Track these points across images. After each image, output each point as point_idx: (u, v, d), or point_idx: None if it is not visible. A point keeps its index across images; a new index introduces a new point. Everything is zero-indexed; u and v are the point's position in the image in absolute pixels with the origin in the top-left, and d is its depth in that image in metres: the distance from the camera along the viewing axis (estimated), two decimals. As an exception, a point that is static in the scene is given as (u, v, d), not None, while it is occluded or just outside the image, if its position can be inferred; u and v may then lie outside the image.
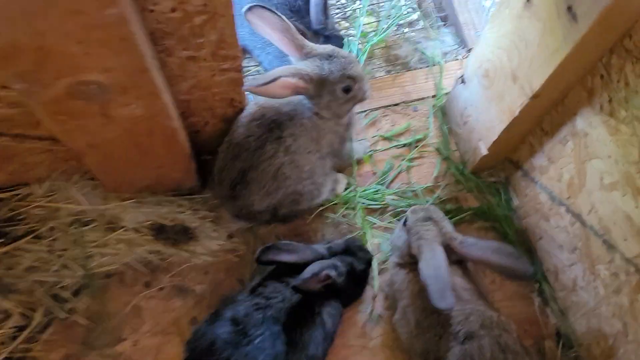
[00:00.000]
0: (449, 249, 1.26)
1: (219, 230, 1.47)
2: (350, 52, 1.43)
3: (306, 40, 1.32)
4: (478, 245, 1.27)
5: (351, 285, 1.34)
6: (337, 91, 1.33)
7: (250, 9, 1.25)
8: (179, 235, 1.43)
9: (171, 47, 1.09)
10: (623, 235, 1.13)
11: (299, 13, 1.64)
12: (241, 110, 1.39)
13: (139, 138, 1.19)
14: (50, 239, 1.40)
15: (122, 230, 1.42)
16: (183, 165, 1.37)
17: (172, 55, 1.11)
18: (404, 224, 1.36)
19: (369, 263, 1.42)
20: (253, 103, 1.40)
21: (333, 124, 1.40)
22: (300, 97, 1.34)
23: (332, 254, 1.35)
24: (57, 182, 1.41)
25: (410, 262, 1.33)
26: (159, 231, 1.42)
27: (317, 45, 1.34)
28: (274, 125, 1.33)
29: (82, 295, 1.40)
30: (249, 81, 1.25)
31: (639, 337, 1.13)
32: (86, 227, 1.42)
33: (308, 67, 1.29)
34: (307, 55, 1.32)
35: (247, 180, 1.34)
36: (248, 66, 1.89)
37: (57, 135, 1.16)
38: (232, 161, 1.35)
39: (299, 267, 1.23)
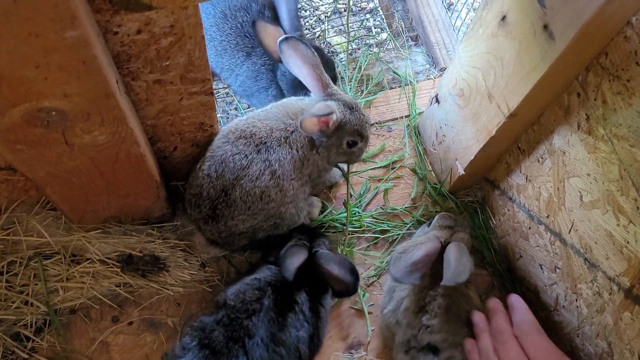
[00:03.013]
0: None
1: (191, 260, 1.41)
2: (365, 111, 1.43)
3: (330, 80, 1.35)
4: None
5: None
6: (344, 142, 1.35)
7: (286, 39, 1.28)
8: (149, 265, 1.36)
9: (137, 71, 1.04)
10: (605, 254, 1.11)
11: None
12: (212, 134, 1.34)
13: (104, 166, 1.13)
14: (10, 274, 1.31)
15: (87, 262, 1.34)
16: (152, 193, 1.31)
17: (138, 79, 1.06)
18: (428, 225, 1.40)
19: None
20: (243, 118, 1.37)
21: (319, 159, 1.38)
22: (295, 126, 1.33)
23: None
24: (17, 214, 1.32)
25: None
26: (127, 262, 1.35)
27: (339, 90, 1.36)
28: (262, 147, 1.30)
29: (45, 333, 1.32)
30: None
31: (624, 357, 1.11)
32: (48, 261, 1.33)
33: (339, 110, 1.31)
34: (330, 95, 1.34)
35: (232, 199, 1.29)
36: (217, 88, 1.85)
37: (15, 165, 1.09)
38: (214, 179, 1.29)
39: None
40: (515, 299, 1.24)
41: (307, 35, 1.92)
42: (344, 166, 1.52)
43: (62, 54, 0.79)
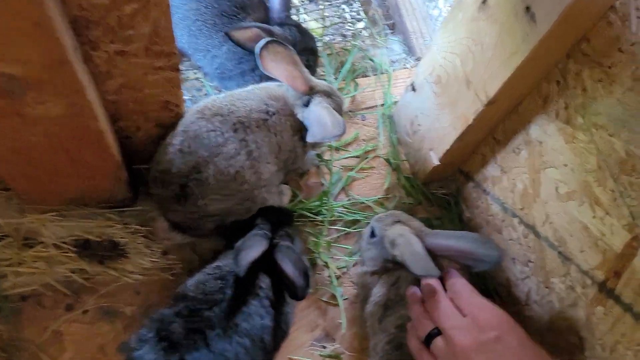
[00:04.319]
0: None
1: (152, 247, 1.34)
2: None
3: (308, 73, 1.34)
4: (443, 234, 1.22)
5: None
6: None
7: (265, 46, 1.24)
8: (107, 251, 1.29)
9: (97, 39, 0.96)
10: (579, 247, 1.09)
11: (245, 9, 1.54)
12: (178, 115, 1.27)
13: (59, 142, 1.05)
14: (-45, 257, 1.23)
15: (40, 246, 1.26)
16: (112, 174, 1.23)
17: (98, 48, 0.99)
18: (372, 235, 1.29)
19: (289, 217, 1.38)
20: (221, 96, 1.32)
21: (300, 145, 1.37)
22: (278, 109, 1.31)
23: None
24: (-36, 194, 1.24)
25: (384, 268, 1.27)
26: (84, 247, 1.27)
27: (315, 79, 1.36)
28: (239, 127, 1.25)
29: (-7, 321, 1.24)
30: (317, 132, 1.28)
31: (596, 353, 1.09)
32: (-2, 244, 1.25)
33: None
34: (312, 89, 1.33)
35: (204, 177, 1.21)
36: (186, 70, 1.78)
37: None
38: (186, 154, 1.22)
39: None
40: (449, 268, 1.20)
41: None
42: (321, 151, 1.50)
43: (15, 15, 0.73)
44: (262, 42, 1.24)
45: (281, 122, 1.31)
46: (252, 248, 1.16)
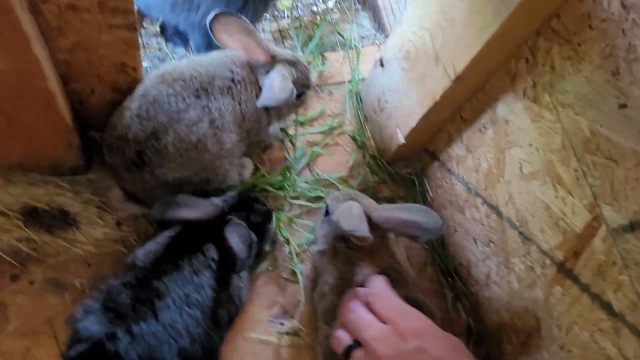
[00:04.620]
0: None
1: (105, 217, 1.28)
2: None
3: (269, 43, 1.29)
4: (388, 207, 1.21)
5: None
6: (293, 97, 1.29)
7: (215, 17, 1.18)
8: (56, 221, 1.23)
9: (46, -10, 0.90)
10: (540, 227, 1.09)
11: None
12: (135, 79, 1.21)
13: (4, 101, 0.99)
14: None
15: (-16, 213, 1.19)
16: (63, 139, 1.17)
17: (48, 1, 0.92)
18: (326, 213, 1.26)
19: (267, 216, 1.31)
20: (183, 61, 1.26)
21: (261, 115, 1.33)
22: (242, 77, 1.27)
23: (228, 207, 1.23)
24: None
25: (334, 248, 1.24)
26: (32, 215, 1.21)
27: (278, 49, 1.31)
28: (202, 93, 1.20)
29: None
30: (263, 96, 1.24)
31: (552, 333, 1.09)
32: (-63, 209, 1.18)
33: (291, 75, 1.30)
34: (274, 59, 1.29)
35: (163, 144, 1.16)
36: (148, 38, 1.71)
37: None
38: (144, 120, 1.16)
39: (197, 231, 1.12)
40: (373, 275, 1.16)
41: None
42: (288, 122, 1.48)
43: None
44: (211, 15, 1.18)
45: (246, 90, 1.27)
46: (190, 208, 1.13)
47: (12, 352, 1.16)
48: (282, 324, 1.32)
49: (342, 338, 1.04)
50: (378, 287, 1.09)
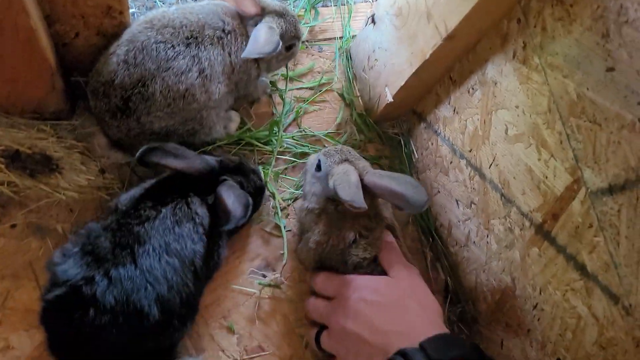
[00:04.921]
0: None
1: (88, 164, 1.27)
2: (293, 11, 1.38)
3: None
4: (380, 173, 1.22)
5: None
6: (282, 49, 1.27)
7: None
8: (39, 165, 1.21)
9: None
10: (522, 189, 1.10)
11: None
12: (121, 23, 1.18)
13: (-15, 38, 0.96)
14: None
15: (-36, 154, 1.17)
16: (46, 81, 1.14)
17: None
18: (317, 169, 1.26)
19: (260, 190, 1.31)
20: (172, 8, 1.24)
21: (250, 67, 1.32)
22: (233, 27, 1.26)
23: (223, 168, 1.22)
24: None
25: (324, 208, 1.24)
26: (13, 159, 1.19)
27: (268, 0, 1.29)
28: (192, 42, 1.18)
29: None
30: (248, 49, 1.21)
31: (526, 292, 1.12)
32: None
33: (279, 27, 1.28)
34: (263, 10, 1.27)
35: (150, 92, 1.15)
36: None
37: None
38: (131, 66, 1.14)
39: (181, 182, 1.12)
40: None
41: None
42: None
43: None
44: None
45: (237, 41, 1.25)
46: (177, 158, 1.13)
47: (-8, 294, 1.17)
48: (264, 276, 1.34)
49: (311, 331, 1.16)
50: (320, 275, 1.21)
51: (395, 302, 1.08)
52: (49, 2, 1.05)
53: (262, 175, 1.35)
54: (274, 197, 1.42)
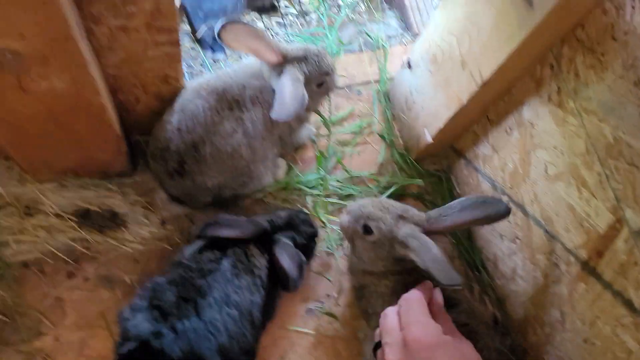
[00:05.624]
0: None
1: (150, 217, 1.37)
2: (321, 47, 1.39)
3: (279, 43, 1.30)
4: (445, 216, 1.18)
5: None
6: (313, 88, 1.33)
7: (224, 27, 1.18)
8: (107, 221, 1.32)
9: (99, 15, 0.97)
10: (565, 226, 1.14)
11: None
12: (177, 88, 1.29)
13: (61, 115, 1.07)
14: (-42, 224, 1.25)
15: (41, 215, 1.28)
16: (112, 146, 1.25)
17: (100, 23, 1.00)
18: (366, 232, 1.21)
19: (312, 237, 1.36)
20: (213, 75, 1.33)
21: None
22: (268, 85, 1.30)
23: (274, 228, 1.28)
24: (-35, 162, 1.26)
25: (390, 270, 1.24)
26: (84, 217, 1.30)
27: (288, 46, 1.31)
28: (235, 105, 1.27)
29: (-5, 287, 1.27)
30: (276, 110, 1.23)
31: (576, 326, 1.14)
32: (0, 212, 1.27)
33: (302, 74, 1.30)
34: (285, 59, 1.30)
35: (202, 155, 1.25)
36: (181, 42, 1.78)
37: (-36, 109, 1.02)
38: (184, 133, 1.25)
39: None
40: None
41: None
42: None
43: (18, -12, 0.73)
44: (217, 27, 1.18)
45: (273, 98, 1.29)
46: (231, 228, 1.20)
47: (70, 343, 1.26)
48: (318, 314, 1.39)
49: (375, 336, 1.10)
50: (413, 293, 1.08)
51: None
52: (114, 77, 1.16)
53: (312, 221, 1.40)
54: (323, 240, 1.48)
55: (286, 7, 1.90)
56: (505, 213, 1.12)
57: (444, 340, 0.95)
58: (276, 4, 1.86)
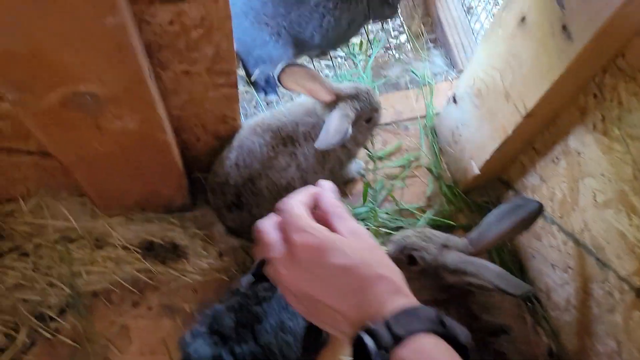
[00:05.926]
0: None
1: (209, 249, 1.45)
2: (366, 86, 1.43)
3: (332, 83, 1.35)
4: (483, 229, 1.23)
5: None
6: (362, 123, 1.39)
7: (283, 70, 1.23)
8: (169, 253, 1.41)
9: (166, 61, 1.08)
10: (617, 254, 1.13)
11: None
12: (234, 127, 1.38)
13: (131, 153, 1.17)
14: (36, 256, 1.36)
15: (110, 247, 1.39)
16: (175, 182, 1.35)
17: (167, 68, 1.10)
18: (411, 263, 1.24)
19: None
20: (269, 114, 1.42)
21: (340, 152, 1.44)
22: (320, 122, 1.35)
23: None
24: (44, 198, 1.38)
25: (437, 299, 1.24)
26: (148, 249, 1.39)
27: (341, 85, 1.37)
28: (288, 141, 1.36)
29: (68, 315, 1.36)
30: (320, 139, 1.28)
31: (633, 356, 1.12)
32: (73, 244, 1.38)
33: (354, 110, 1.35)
34: (338, 97, 1.35)
35: (258, 188, 1.34)
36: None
37: (47, 148, 1.13)
38: (242, 168, 1.34)
39: None
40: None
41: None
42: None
43: (100, 39, 0.83)
44: (278, 69, 1.23)
45: None
46: None
47: (134, 369, 1.34)
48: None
49: (253, 254, 1.09)
50: (289, 202, 0.90)
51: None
52: (177, 118, 1.26)
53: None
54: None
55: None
56: (537, 210, 1.17)
57: (332, 238, 0.81)
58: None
